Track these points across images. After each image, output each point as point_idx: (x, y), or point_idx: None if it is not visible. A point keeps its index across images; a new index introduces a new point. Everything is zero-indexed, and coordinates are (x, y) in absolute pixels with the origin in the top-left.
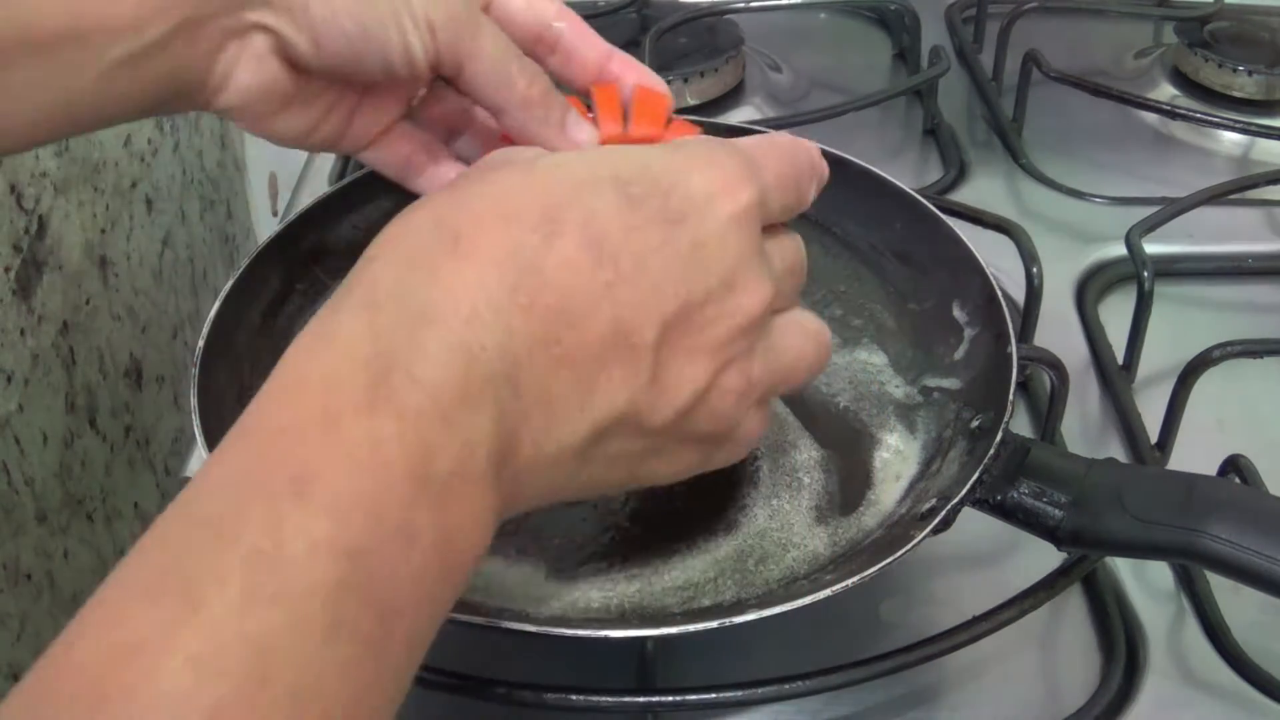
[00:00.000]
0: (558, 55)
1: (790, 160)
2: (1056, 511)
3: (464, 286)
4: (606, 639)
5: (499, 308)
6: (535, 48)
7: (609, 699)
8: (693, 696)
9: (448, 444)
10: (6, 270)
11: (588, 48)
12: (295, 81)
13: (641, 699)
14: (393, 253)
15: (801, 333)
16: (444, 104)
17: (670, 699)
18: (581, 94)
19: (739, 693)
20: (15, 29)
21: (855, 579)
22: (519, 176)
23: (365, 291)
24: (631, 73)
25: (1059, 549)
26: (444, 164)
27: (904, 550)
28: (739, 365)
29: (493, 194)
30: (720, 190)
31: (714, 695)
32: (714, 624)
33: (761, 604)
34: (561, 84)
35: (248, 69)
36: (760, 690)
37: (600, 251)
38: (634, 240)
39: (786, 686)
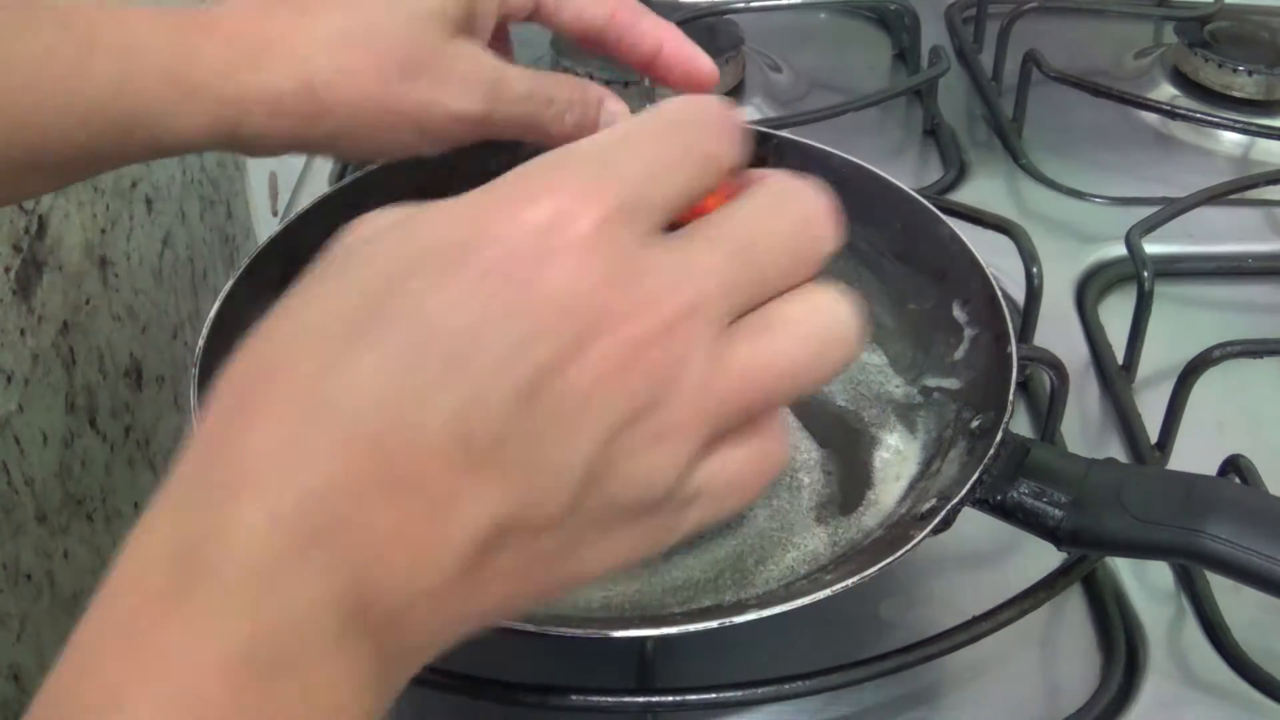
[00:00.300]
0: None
1: (671, 130)
2: (1056, 511)
3: (267, 440)
4: (606, 638)
5: (309, 454)
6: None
7: (609, 699)
8: (693, 696)
9: (275, 619)
10: (6, 270)
11: (638, 37)
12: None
13: (641, 699)
14: (206, 417)
15: (781, 331)
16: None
17: (670, 699)
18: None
19: (739, 693)
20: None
21: (855, 579)
22: (334, 279)
23: (178, 471)
24: (678, 70)
25: (1059, 549)
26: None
27: (904, 550)
28: (647, 411)
29: (306, 310)
30: (553, 220)
31: (714, 695)
32: (714, 624)
33: (761, 604)
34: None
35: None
36: (760, 690)
37: (418, 347)
38: (455, 318)
39: (786, 686)
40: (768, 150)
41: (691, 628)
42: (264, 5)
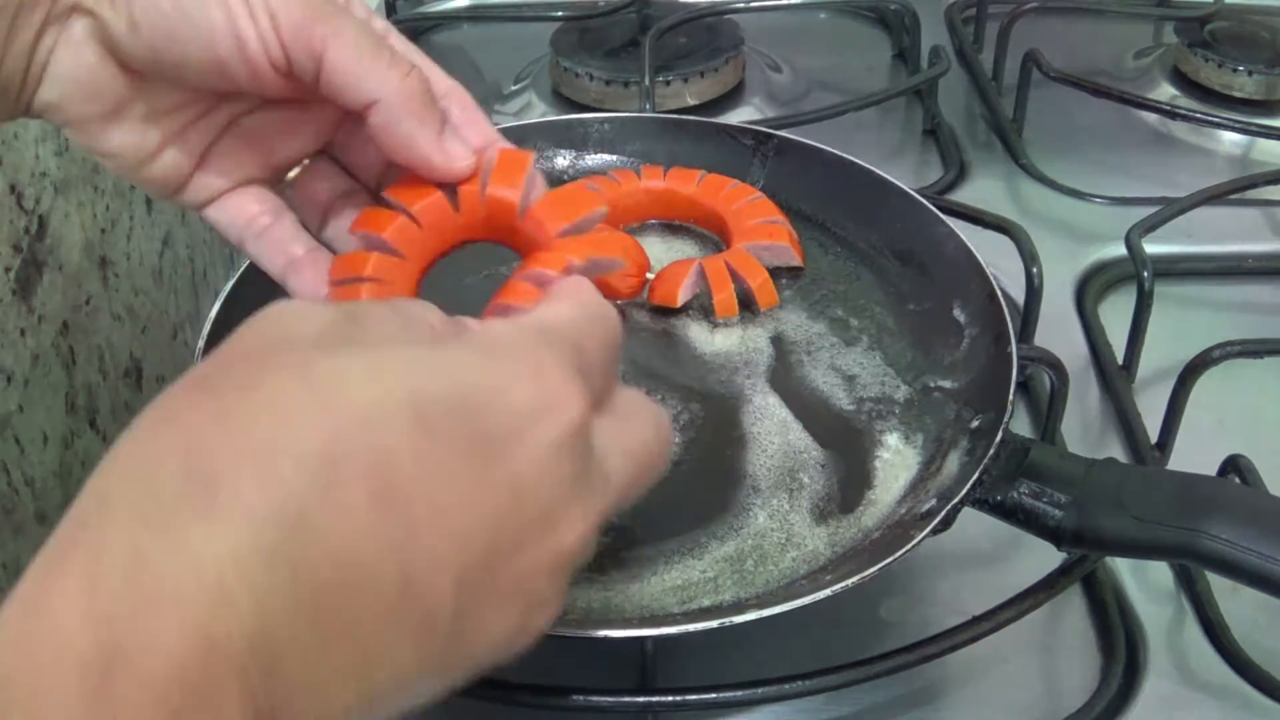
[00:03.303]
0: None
1: (606, 329)
2: (1056, 511)
3: (212, 556)
4: (607, 639)
5: (253, 583)
6: None
7: (609, 699)
8: (693, 696)
9: None
10: (6, 270)
11: (473, 132)
12: (124, 81)
13: (641, 699)
14: (127, 498)
15: (624, 449)
16: (321, 182)
17: (670, 699)
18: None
19: (739, 693)
20: None
21: (855, 579)
22: (295, 392)
23: (88, 556)
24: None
25: (1059, 549)
26: (291, 234)
27: (904, 550)
28: (555, 579)
29: (262, 421)
30: (545, 408)
31: (714, 695)
32: (714, 624)
33: (761, 604)
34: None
35: (64, 56)
36: (760, 690)
37: (390, 502)
38: (432, 482)
39: (786, 686)
40: (767, 150)
41: (691, 628)
42: None
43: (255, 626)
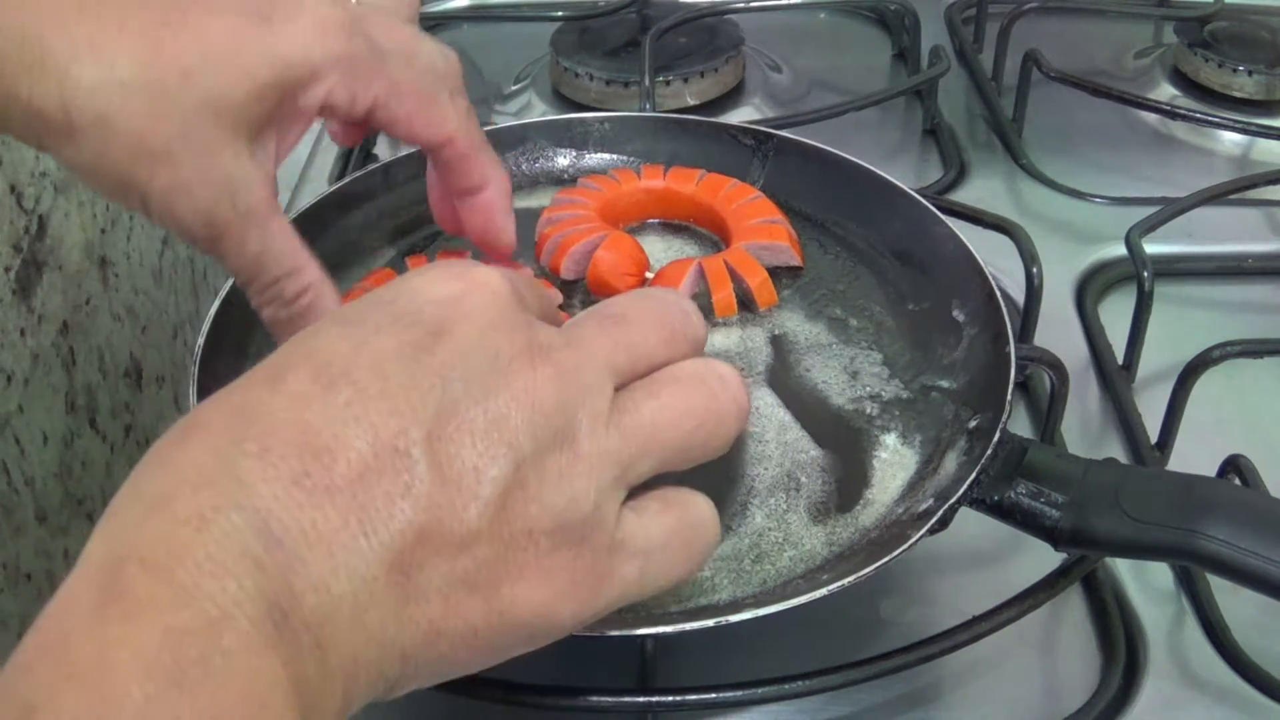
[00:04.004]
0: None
1: (528, 279)
2: (1054, 512)
3: (190, 461)
4: (603, 637)
5: (229, 465)
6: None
7: (609, 699)
8: (693, 696)
9: (192, 623)
10: (6, 270)
11: (464, 173)
12: None
13: (641, 699)
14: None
15: (674, 390)
16: None
17: (670, 699)
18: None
19: (739, 693)
20: None
21: (851, 579)
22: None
23: (121, 490)
24: (479, 218)
25: (1056, 549)
26: None
27: (900, 550)
28: (555, 444)
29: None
30: (451, 278)
31: (714, 695)
32: (710, 623)
33: (757, 603)
34: None
35: None
36: (760, 690)
37: (330, 375)
38: (366, 353)
39: (786, 686)
40: (768, 149)
41: (687, 626)
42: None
43: (238, 498)
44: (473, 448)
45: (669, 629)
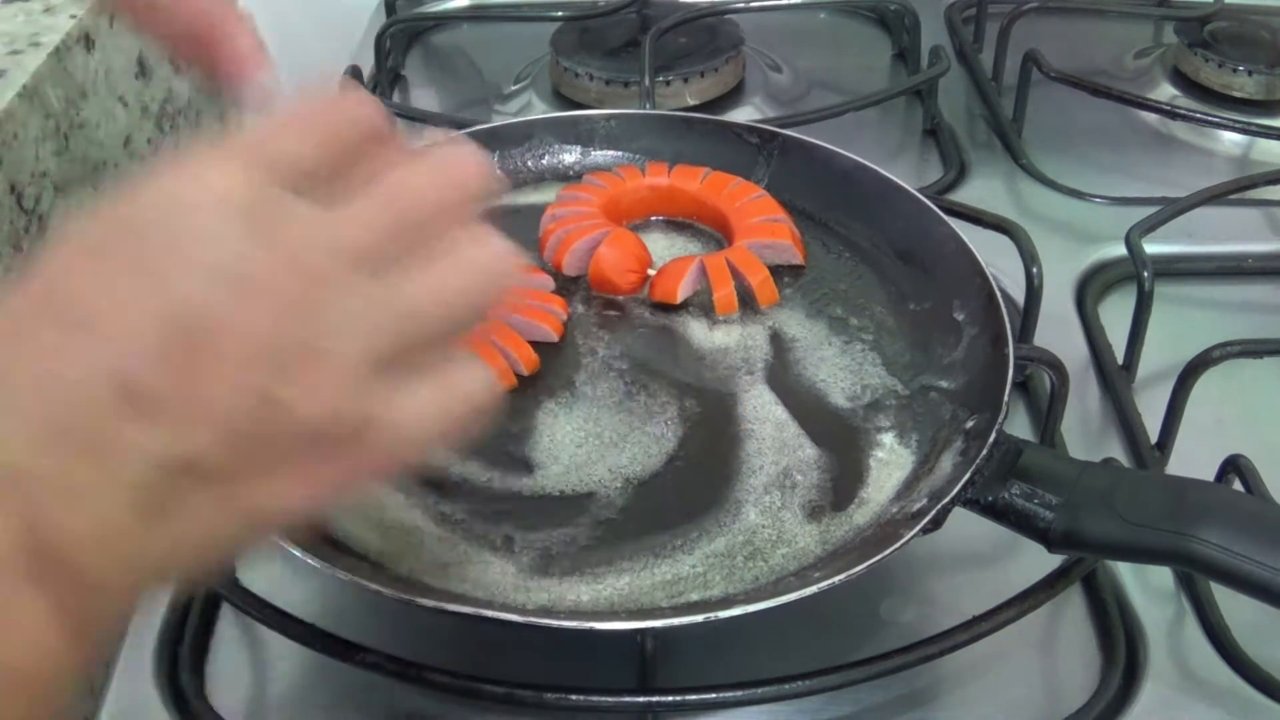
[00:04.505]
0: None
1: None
2: (1047, 513)
3: None
4: (593, 631)
5: None
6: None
7: (609, 699)
8: (693, 696)
9: None
10: (6, 270)
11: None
12: None
13: (641, 699)
14: None
15: (437, 265)
16: None
17: (670, 699)
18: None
19: (739, 693)
20: None
21: (842, 576)
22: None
23: None
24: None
25: (1049, 551)
26: None
27: (892, 549)
28: (302, 349)
29: None
30: (181, 179)
31: (714, 695)
32: (699, 617)
33: (749, 599)
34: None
35: None
36: (760, 690)
37: (67, 313)
38: (106, 283)
39: (786, 686)
40: (772, 148)
41: (677, 621)
42: None
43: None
44: (213, 372)
45: (658, 623)
